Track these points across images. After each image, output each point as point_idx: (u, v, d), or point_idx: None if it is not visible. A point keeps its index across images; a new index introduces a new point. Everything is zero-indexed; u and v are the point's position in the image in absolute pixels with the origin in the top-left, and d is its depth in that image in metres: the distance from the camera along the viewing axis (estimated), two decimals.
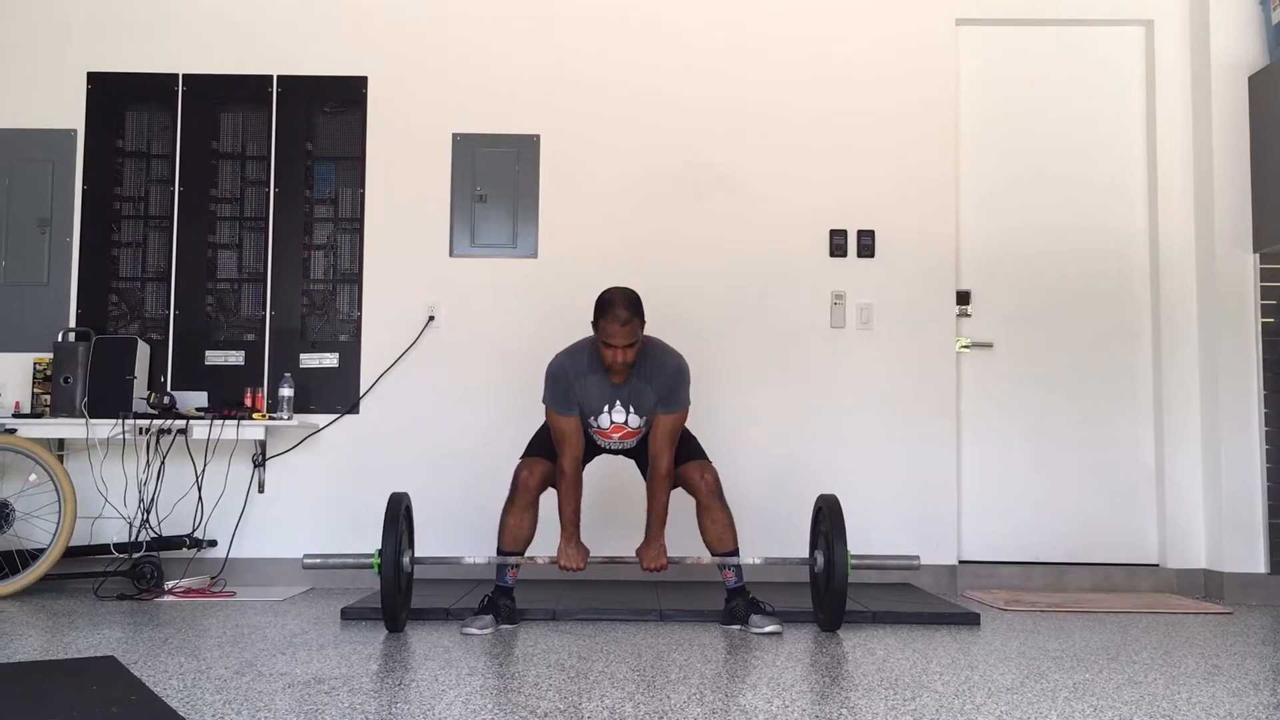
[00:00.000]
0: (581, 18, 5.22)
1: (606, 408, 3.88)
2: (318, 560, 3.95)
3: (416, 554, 3.97)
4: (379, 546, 3.71)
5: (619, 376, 3.82)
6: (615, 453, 4.08)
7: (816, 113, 5.18)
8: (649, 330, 3.86)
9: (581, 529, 3.89)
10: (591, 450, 4.02)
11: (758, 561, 4.01)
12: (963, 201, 5.22)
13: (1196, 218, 5.08)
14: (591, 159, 4.25)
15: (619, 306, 3.67)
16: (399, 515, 3.77)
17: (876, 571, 4.92)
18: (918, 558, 4.02)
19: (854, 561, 3.77)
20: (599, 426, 3.92)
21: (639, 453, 4.04)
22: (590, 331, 3.85)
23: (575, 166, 5.11)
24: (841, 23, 5.22)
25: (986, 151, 5.27)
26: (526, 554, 3.94)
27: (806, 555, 4.03)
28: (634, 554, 3.93)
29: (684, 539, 4.08)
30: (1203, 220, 5.03)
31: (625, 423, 3.90)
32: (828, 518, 3.84)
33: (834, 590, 3.75)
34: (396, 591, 3.72)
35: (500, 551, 3.93)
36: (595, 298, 3.80)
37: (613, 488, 4.55)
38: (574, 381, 3.83)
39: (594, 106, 5.15)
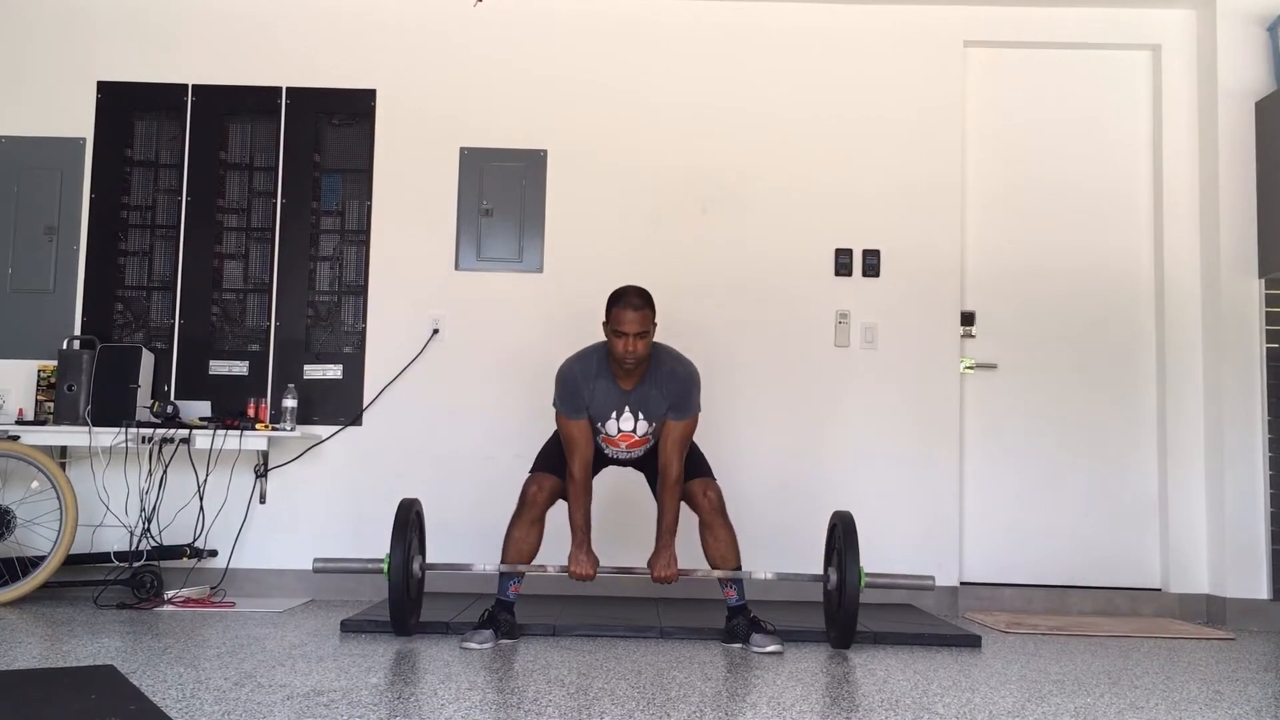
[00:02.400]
0: (590, 37, 5.24)
1: (614, 414, 3.87)
2: (327, 564, 3.96)
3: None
4: (389, 551, 3.71)
5: (629, 376, 3.81)
6: (623, 463, 4.07)
7: (822, 133, 5.20)
8: (658, 337, 3.89)
9: (592, 542, 3.89)
10: (600, 460, 4.01)
11: (770, 577, 4.01)
12: (968, 223, 5.23)
13: (1202, 243, 5.08)
14: (598, 176, 4.26)
15: (631, 295, 3.75)
16: (409, 520, 3.77)
17: (880, 591, 4.96)
18: (932, 578, 4.01)
19: (867, 580, 3.77)
20: (607, 434, 3.91)
21: (648, 464, 4.02)
22: (600, 338, 3.87)
23: (581, 183, 5.12)
24: (849, 45, 5.23)
25: (993, 173, 5.28)
26: (535, 562, 3.93)
27: (817, 572, 4.03)
28: (645, 565, 3.92)
29: (692, 554, 4.08)
30: (1208, 245, 5.03)
31: (634, 430, 3.89)
32: (841, 535, 3.84)
33: (845, 607, 3.75)
34: (405, 596, 3.71)
35: (504, 565, 3.93)
36: (599, 312, 3.85)
37: (621, 499, 4.56)
38: (582, 384, 3.83)
39: (601, 124, 5.17)
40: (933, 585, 4.00)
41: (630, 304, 3.71)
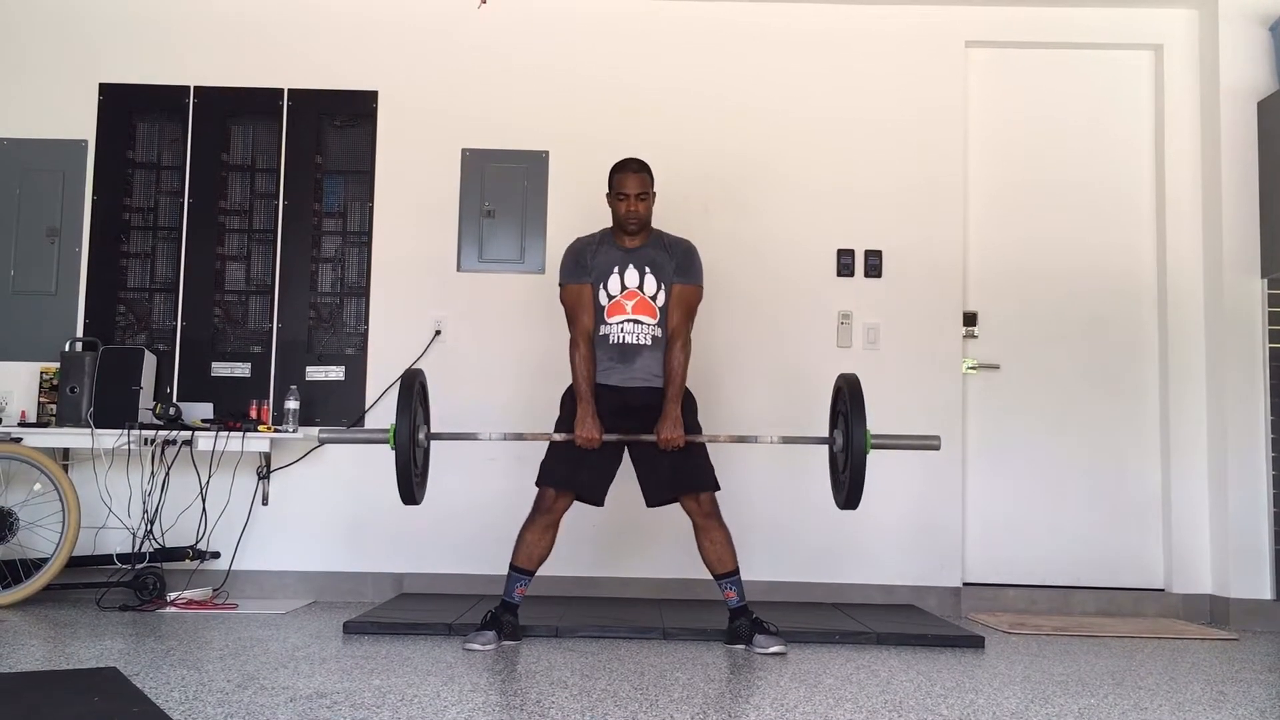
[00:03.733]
0: (592, 38, 5.24)
1: (617, 269, 3.96)
2: (333, 434, 4.04)
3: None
4: (394, 421, 3.70)
5: (633, 237, 3.97)
6: (629, 394, 3.93)
7: (824, 132, 5.19)
8: None
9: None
10: (606, 399, 3.90)
11: (775, 440, 4.07)
12: (970, 223, 5.22)
13: (1205, 242, 5.07)
14: (600, 177, 4.27)
15: (630, 161, 4.04)
16: (413, 390, 3.76)
17: (884, 592, 4.96)
18: (938, 438, 3.96)
19: (873, 440, 3.73)
20: (610, 294, 3.94)
21: (649, 413, 3.89)
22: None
23: (583, 184, 5.09)
24: (851, 46, 5.23)
25: (995, 174, 5.27)
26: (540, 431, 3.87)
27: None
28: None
29: (690, 557, 4.07)
30: (1211, 245, 5.03)
31: (640, 287, 3.95)
32: (847, 397, 3.81)
33: (853, 469, 3.73)
34: (411, 466, 3.72)
35: (513, 566, 3.92)
36: None
37: (619, 515, 4.54)
38: (585, 248, 4.02)
39: (603, 125, 5.15)
40: (938, 445, 3.94)
41: (630, 168, 3.99)
